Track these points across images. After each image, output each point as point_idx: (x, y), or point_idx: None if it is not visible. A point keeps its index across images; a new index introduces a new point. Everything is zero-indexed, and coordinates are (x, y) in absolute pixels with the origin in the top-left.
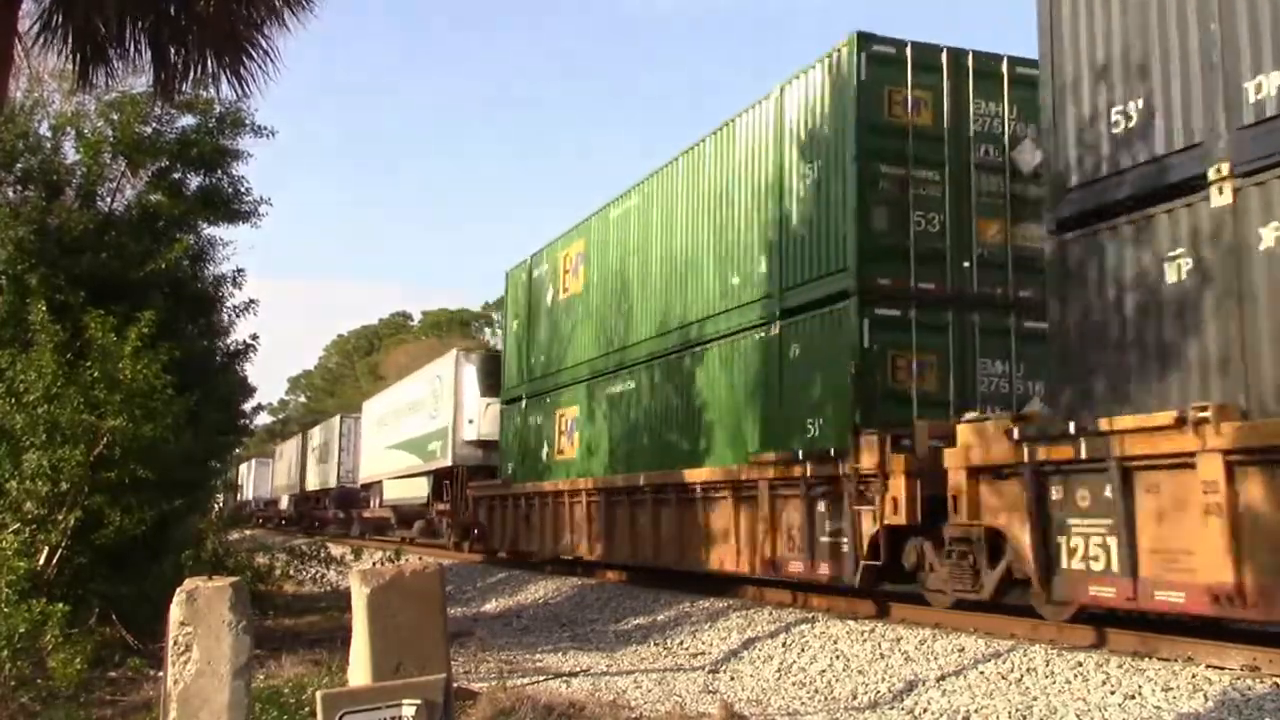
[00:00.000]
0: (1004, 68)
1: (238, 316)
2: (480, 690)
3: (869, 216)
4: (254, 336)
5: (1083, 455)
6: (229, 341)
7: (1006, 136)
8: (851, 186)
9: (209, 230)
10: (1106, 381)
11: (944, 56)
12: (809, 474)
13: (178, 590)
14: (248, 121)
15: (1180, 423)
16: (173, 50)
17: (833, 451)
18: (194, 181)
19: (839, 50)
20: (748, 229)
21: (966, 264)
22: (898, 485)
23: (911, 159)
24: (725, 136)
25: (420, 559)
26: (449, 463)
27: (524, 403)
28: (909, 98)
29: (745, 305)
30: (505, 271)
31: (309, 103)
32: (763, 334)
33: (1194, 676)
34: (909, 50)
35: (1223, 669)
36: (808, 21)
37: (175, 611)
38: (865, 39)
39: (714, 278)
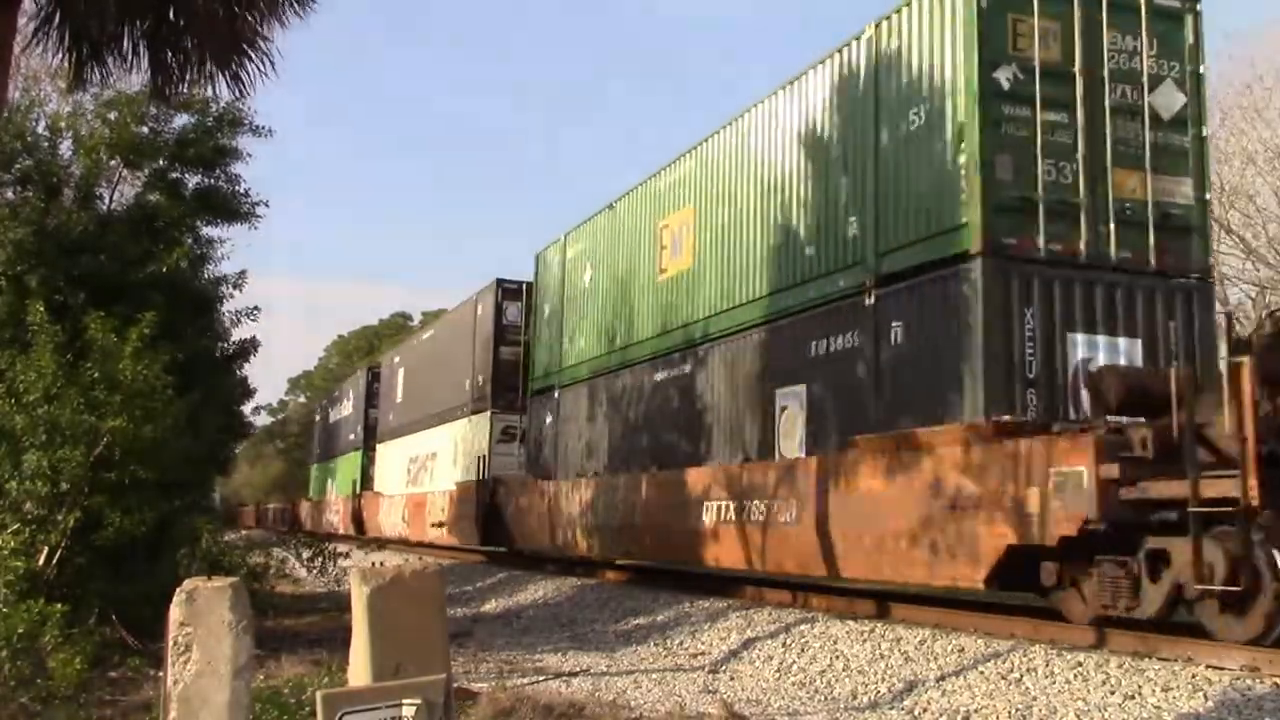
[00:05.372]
0: None
1: (239, 321)
2: (480, 690)
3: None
4: (253, 339)
5: None
6: (230, 343)
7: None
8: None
9: (207, 230)
10: None
11: None
12: None
13: (178, 590)
14: (246, 121)
15: None
16: (170, 51)
17: None
18: (192, 181)
19: None
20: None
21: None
22: None
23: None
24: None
25: (420, 559)
26: None
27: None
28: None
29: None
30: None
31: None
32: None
33: (1194, 676)
34: None
35: (1222, 669)
36: None
37: (175, 611)
38: None
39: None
